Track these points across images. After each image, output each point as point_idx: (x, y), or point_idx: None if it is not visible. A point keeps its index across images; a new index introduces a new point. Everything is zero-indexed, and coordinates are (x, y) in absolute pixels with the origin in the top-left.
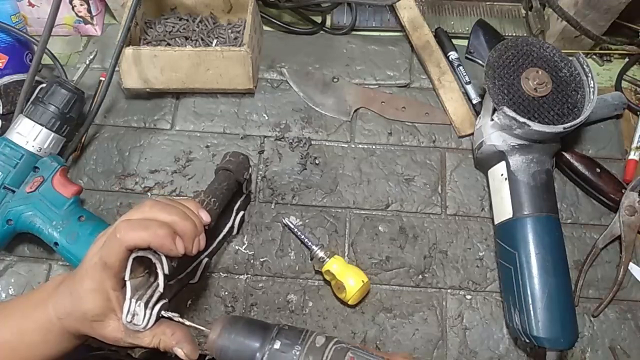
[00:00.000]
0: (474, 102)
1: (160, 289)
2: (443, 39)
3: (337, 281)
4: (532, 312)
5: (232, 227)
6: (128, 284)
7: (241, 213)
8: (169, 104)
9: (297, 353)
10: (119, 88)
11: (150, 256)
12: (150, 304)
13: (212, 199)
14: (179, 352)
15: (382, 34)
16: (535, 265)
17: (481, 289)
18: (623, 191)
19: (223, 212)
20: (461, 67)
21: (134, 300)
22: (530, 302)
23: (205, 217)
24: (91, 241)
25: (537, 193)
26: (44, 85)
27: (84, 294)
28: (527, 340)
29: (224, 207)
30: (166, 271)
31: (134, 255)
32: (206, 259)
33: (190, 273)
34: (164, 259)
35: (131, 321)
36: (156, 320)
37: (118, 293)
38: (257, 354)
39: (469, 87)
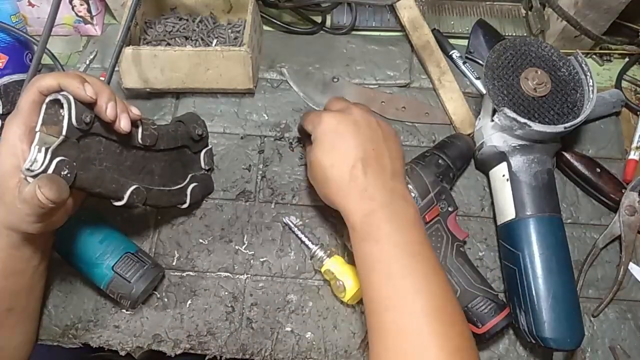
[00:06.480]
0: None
1: (64, 132)
2: (440, 40)
3: (337, 281)
4: (538, 312)
5: (184, 193)
6: (38, 134)
7: (194, 184)
8: (169, 103)
9: None
10: (119, 88)
11: (60, 97)
12: (51, 149)
13: (153, 124)
14: (39, 194)
15: (382, 34)
16: (539, 266)
17: None
18: (623, 191)
19: (176, 172)
20: (468, 64)
21: (36, 148)
22: (535, 302)
23: (130, 114)
24: (84, 235)
25: (539, 193)
26: None
27: (0, 157)
28: (534, 341)
29: (175, 164)
30: (73, 114)
31: (47, 100)
32: (194, 184)
33: (177, 195)
34: (71, 99)
35: (29, 168)
36: (61, 175)
37: (25, 147)
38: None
39: (479, 83)
